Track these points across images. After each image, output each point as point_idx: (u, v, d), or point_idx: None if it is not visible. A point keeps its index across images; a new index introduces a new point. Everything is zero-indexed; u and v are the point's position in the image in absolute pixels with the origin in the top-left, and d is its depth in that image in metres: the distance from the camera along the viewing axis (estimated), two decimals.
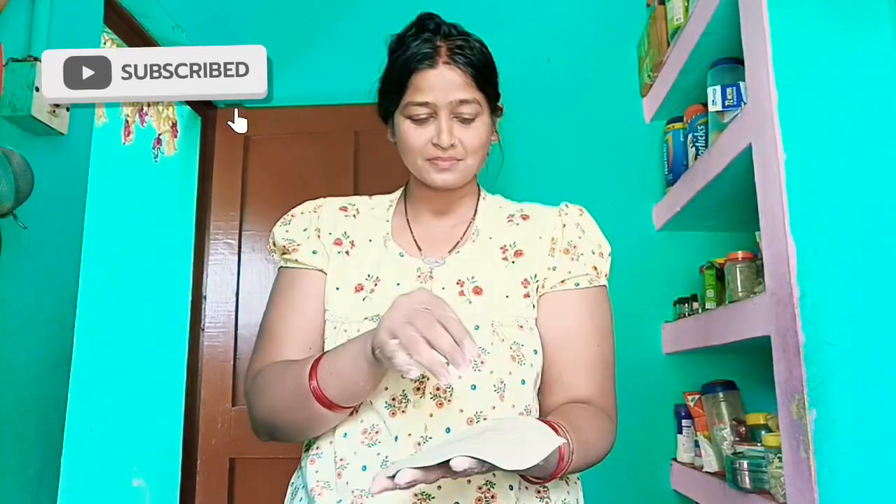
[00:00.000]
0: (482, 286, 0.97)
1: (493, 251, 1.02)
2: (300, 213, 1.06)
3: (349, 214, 1.06)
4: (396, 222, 1.06)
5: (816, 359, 1.16)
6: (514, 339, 0.94)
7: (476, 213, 1.07)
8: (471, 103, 0.97)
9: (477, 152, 1.00)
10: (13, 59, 1.25)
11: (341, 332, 0.95)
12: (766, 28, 1.28)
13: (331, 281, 0.99)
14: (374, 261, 1.00)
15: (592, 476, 2.17)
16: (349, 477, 0.88)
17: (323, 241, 1.02)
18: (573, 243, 1.02)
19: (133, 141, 2.32)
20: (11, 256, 1.22)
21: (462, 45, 0.99)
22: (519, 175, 2.32)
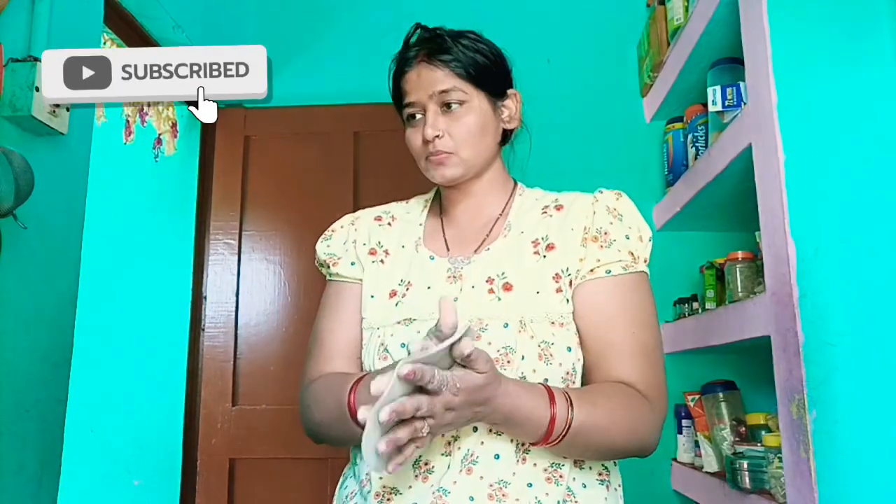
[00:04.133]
0: (512, 283, 0.96)
1: (525, 246, 1.00)
2: (339, 227, 1.10)
3: (384, 223, 1.09)
4: (430, 225, 1.08)
5: (816, 359, 1.16)
6: (544, 338, 0.92)
7: (508, 207, 1.07)
8: (452, 91, 1.00)
9: (468, 142, 1.00)
10: (13, 59, 1.25)
11: (375, 337, 0.97)
12: (766, 28, 1.28)
13: (366, 289, 1.03)
14: (406, 266, 1.02)
15: None
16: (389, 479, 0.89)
17: (358, 251, 1.06)
18: (604, 230, 0.98)
19: (133, 141, 2.31)
20: (11, 256, 1.22)
21: (440, 42, 1.03)
22: (518, 175, 2.32)
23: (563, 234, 0.99)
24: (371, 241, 1.07)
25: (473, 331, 0.81)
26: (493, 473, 0.88)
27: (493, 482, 0.87)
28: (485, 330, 0.92)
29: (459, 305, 0.92)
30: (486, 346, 0.90)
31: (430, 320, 0.92)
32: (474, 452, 0.89)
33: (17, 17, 1.28)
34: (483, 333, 0.92)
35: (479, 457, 0.88)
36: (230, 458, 2.14)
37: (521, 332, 0.92)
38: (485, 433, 0.89)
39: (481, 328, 0.92)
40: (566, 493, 0.90)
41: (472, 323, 0.91)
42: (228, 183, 2.27)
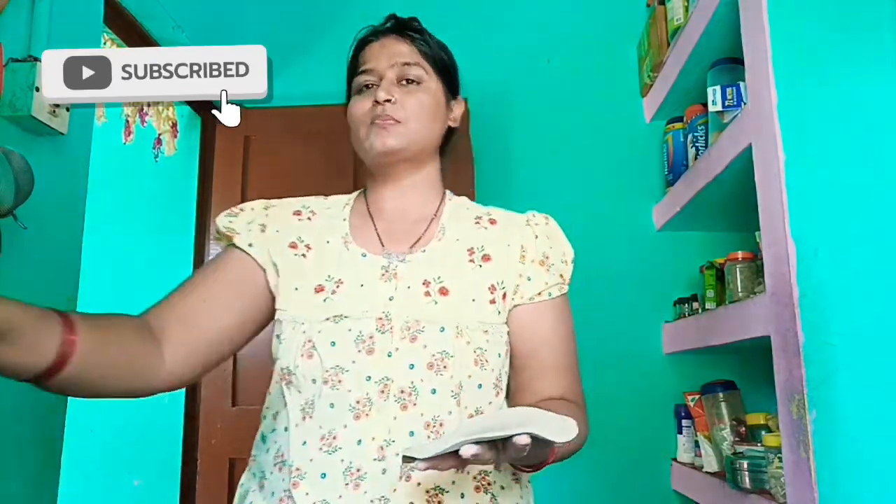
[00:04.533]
0: (448, 288, 0.95)
1: (460, 252, 0.99)
2: (250, 208, 1.04)
3: (303, 218, 1.03)
4: (356, 220, 1.03)
5: (816, 359, 1.16)
6: (479, 344, 0.92)
7: (440, 210, 1.05)
8: (414, 66, 1.00)
9: (418, 117, 0.98)
10: (13, 59, 1.25)
11: (299, 333, 0.92)
12: (766, 28, 1.28)
13: (287, 281, 0.96)
14: (334, 262, 0.98)
15: (593, 476, 2.19)
16: (308, 487, 0.86)
17: (268, 235, 0.99)
18: (546, 254, 1.03)
19: (133, 141, 2.32)
20: (11, 256, 1.22)
21: (411, 21, 1.04)
22: (519, 175, 2.33)
23: (498, 249, 1.00)
24: (290, 235, 1.00)
25: None
26: (431, 479, 0.87)
27: (429, 489, 0.87)
28: (421, 332, 0.91)
29: (395, 305, 0.93)
30: (422, 350, 0.90)
31: (363, 318, 0.91)
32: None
33: (17, 17, 1.28)
34: (419, 336, 0.90)
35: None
36: (230, 458, 2.14)
37: (457, 337, 0.91)
38: (422, 438, 0.88)
39: (418, 330, 0.91)
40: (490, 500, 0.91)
41: (410, 323, 0.91)
42: (228, 183, 2.26)
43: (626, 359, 2.18)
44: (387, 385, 0.89)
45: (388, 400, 0.88)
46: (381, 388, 0.88)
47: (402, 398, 0.88)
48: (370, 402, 0.88)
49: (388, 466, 0.86)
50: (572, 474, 2.12)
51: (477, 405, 0.92)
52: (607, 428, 2.12)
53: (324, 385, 0.89)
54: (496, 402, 0.95)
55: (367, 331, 0.90)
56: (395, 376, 0.89)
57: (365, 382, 0.88)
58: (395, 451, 0.86)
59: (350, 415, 0.88)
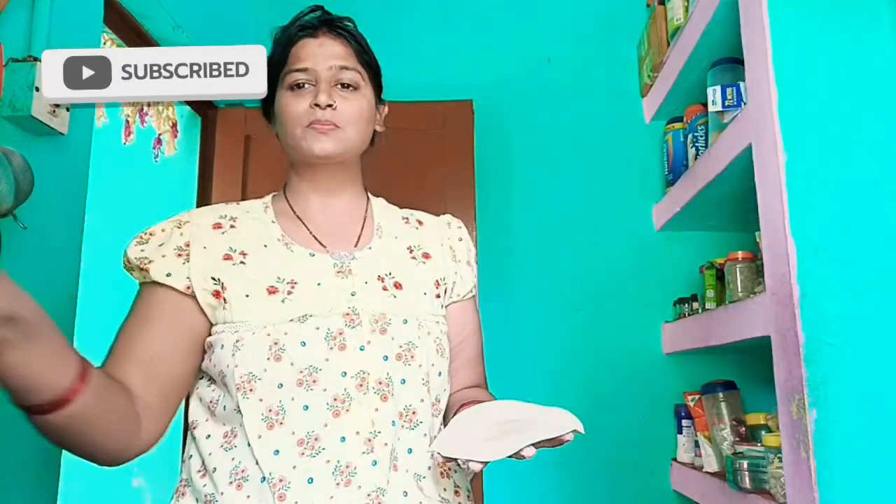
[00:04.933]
0: (401, 282, 0.99)
1: (402, 250, 1.04)
2: (160, 230, 0.96)
3: (225, 229, 0.97)
4: (285, 223, 1.01)
5: (816, 359, 1.16)
6: (436, 334, 0.97)
7: (369, 209, 1.07)
8: (352, 71, 0.99)
9: (356, 124, 0.98)
10: (13, 59, 1.25)
11: (263, 336, 0.88)
12: (766, 28, 1.28)
13: (235, 291, 0.91)
14: (279, 263, 0.95)
15: (593, 475, 2.19)
16: (297, 496, 0.83)
17: (193, 257, 0.93)
18: (468, 257, 1.09)
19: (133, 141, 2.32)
20: (11, 256, 1.22)
21: (347, 24, 1.03)
22: (519, 175, 2.33)
23: (434, 248, 1.06)
24: (220, 249, 0.95)
25: None
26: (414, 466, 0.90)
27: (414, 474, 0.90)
28: (388, 324, 0.93)
29: (359, 300, 0.94)
30: (390, 342, 0.92)
31: (330, 315, 0.91)
32: (395, 449, 0.89)
33: (17, 17, 1.28)
34: (388, 328, 0.93)
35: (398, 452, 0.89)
36: None
37: (419, 328, 0.95)
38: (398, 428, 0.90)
39: (385, 323, 0.93)
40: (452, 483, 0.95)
41: (377, 317, 0.93)
42: (228, 183, 2.26)
43: (626, 359, 2.18)
44: (364, 378, 0.89)
45: (368, 392, 0.89)
46: (359, 381, 0.89)
47: (382, 389, 0.90)
48: (349, 398, 0.88)
49: (377, 458, 0.86)
50: (572, 474, 2.13)
51: (437, 393, 0.96)
52: (607, 428, 2.13)
53: (297, 387, 0.87)
54: (448, 390, 1.00)
55: (335, 327, 0.90)
56: (370, 369, 0.90)
57: (341, 379, 0.88)
58: (384, 442, 0.87)
59: (329, 413, 0.87)
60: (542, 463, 2.10)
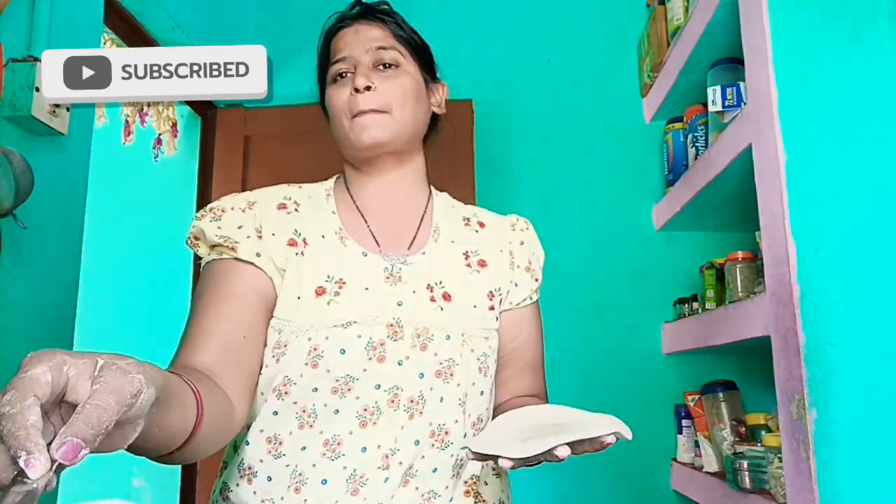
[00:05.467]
0: (451, 293, 0.93)
1: (457, 256, 0.97)
2: (230, 207, 0.92)
3: (290, 210, 0.94)
4: (345, 215, 0.96)
5: (816, 359, 1.16)
6: (482, 350, 0.92)
7: (429, 207, 1.01)
8: (389, 50, 0.95)
9: (403, 104, 0.93)
10: (13, 59, 1.25)
11: (304, 341, 0.85)
12: (766, 28, 1.28)
13: (289, 288, 0.88)
14: (332, 259, 0.91)
15: (593, 475, 2.19)
16: (308, 493, 0.85)
17: (266, 242, 0.89)
18: (529, 260, 1.03)
19: (133, 141, 2.32)
20: (11, 256, 1.22)
21: (381, 8, 0.99)
22: (519, 175, 2.33)
23: (492, 254, 0.99)
24: (286, 231, 0.91)
25: None
26: (426, 484, 0.87)
27: (424, 492, 0.87)
28: (431, 340, 0.89)
29: (405, 311, 0.90)
30: (432, 357, 0.88)
31: (374, 324, 0.87)
32: (413, 465, 0.87)
33: (17, 17, 1.28)
34: (429, 344, 0.89)
35: (417, 470, 0.87)
36: None
37: (463, 345, 0.90)
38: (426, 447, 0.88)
39: (427, 338, 0.89)
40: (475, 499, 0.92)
41: (420, 331, 0.89)
42: (228, 183, 2.26)
43: (626, 359, 2.18)
44: (397, 394, 0.87)
45: (398, 409, 0.87)
46: (391, 397, 0.87)
47: (412, 407, 0.87)
48: (378, 411, 0.86)
49: (390, 475, 0.86)
50: (572, 474, 2.12)
51: (479, 412, 0.92)
52: None
53: (332, 395, 0.86)
54: (490, 408, 0.95)
55: (377, 337, 0.87)
56: (405, 385, 0.87)
57: (374, 391, 0.86)
58: (399, 461, 0.86)
59: (356, 422, 0.86)
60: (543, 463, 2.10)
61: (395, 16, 1.00)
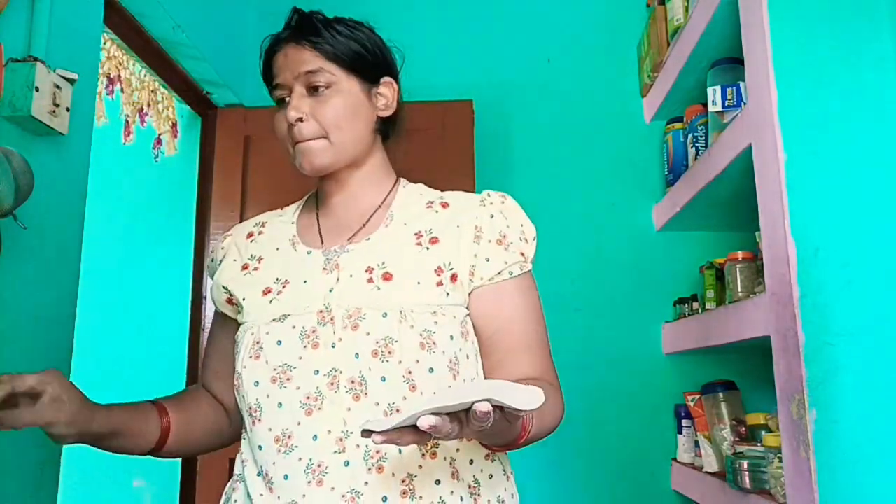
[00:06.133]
0: (392, 272, 0.93)
1: (407, 237, 0.97)
2: (220, 248, 1.10)
3: (255, 237, 1.06)
4: (303, 221, 1.05)
5: (816, 359, 1.16)
6: (426, 327, 0.89)
7: (390, 198, 1.03)
8: (318, 73, 0.96)
9: (340, 126, 0.96)
10: (13, 59, 1.25)
11: (248, 336, 0.94)
12: (766, 28, 1.28)
13: (239, 296, 1.00)
14: (282, 265, 0.99)
15: (593, 475, 2.19)
16: (279, 491, 0.87)
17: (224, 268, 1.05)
18: (503, 233, 0.98)
19: (133, 141, 2.31)
20: (11, 256, 1.22)
21: (310, 24, 0.99)
22: (519, 175, 2.33)
23: (448, 230, 0.97)
24: (244, 257, 1.04)
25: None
26: (402, 467, 0.86)
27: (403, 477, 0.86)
28: (363, 319, 0.89)
29: (335, 296, 0.91)
30: (365, 337, 0.88)
31: (305, 314, 0.91)
32: (380, 448, 0.85)
33: (17, 17, 1.28)
34: (361, 323, 0.89)
35: (386, 453, 0.86)
36: (230, 458, 2.12)
37: (401, 321, 0.89)
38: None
39: (359, 317, 0.89)
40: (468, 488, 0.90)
41: (350, 312, 0.90)
42: (228, 183, 2.26)
43: (626, 359, 2.18)
44: (335, 377, 0.88)
45: (339, 391, 0.87)
46: (331, 380, 0.88)
47: (353, 388, 0.87)
48: (321, 396, 0.88)
49: (349, 458, 0.85)
50: (572, 474, 2.13)
51: (433, 390, 0.89)
52: (607, 428, 2.13)
53: (272, 384, 0.90)
54: (455, 387, 0.92)
55: (308, 325, 0.91)
56: (342, 367, 0.88)
57: (313, 377, 0.88)
58: (356, 443, 0.85)
59: (301, 411, 0.88)
60: (542, 463, 2.11)
61: (327, 31, 0.98)
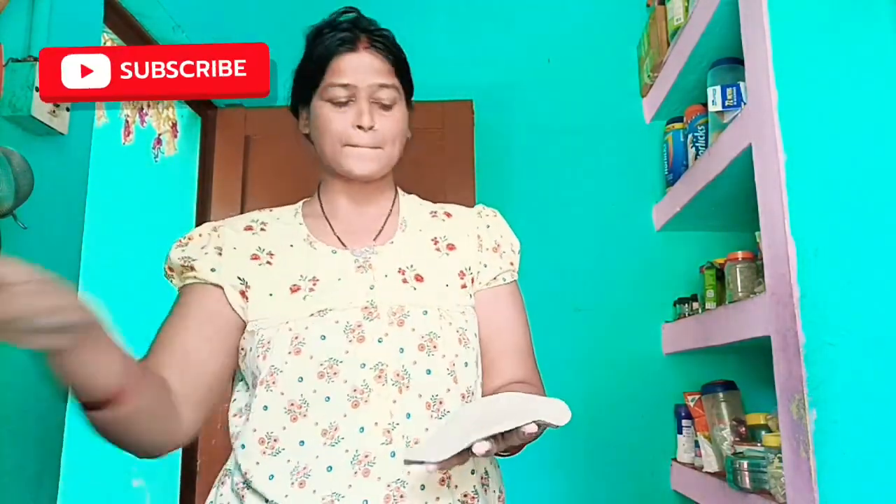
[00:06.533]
0: (422, 274, 0.99)
1: (426, 242, 1.04)
2: (198, 234, 1.02)
3: (255, 232, 1.03)
4: (312, 223, 1.05)
5: (816, 359, 1.16)
6: (460, 324, 0.97)
7: (396, 205, 1.08)
8: (390, 88, 1.00)
9: (395, 141, 1.02)
10: (13, 59, 1.25)
11: (286, 332, 0.92)
12: (766, 28, 1.28)
13: (259, 291, 0.96)
14: (303, 262, 0.99)
15: (593, 475, 2.19)
16: (316, 484, 0.86)
17: (225, 257, 0.98)
18: (497, 242, 1.06)
19: (133, 141, 2.31)
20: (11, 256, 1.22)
21: (382, 34, 1.04)
22: (519, 175, 2.33)
23: (459, 238, 1.05)
24: (249, 248, 1.00)
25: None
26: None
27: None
28: (407, 316, 0.94)
29: (378, 293, 0.95)
30: (411, 332, 0.93)
31: (349, 308, 0.93)
32: (419, 441, 0.88)
33: (17, 17, 1.28)
34: (406, 320, 0.94)
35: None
36: None
37: (440, 318, 0.95)
38: (425, 419, 0.90)
39: (403, 314, 0.94)
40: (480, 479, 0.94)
41: (395, 309, 0.94)
42: (228, 183, 2.26)
43: (626, 359, 2.18)
44: (382, 370, 0.91)
45: (387, 384, 0.90)
46: (378, 373, 0.90)
47: (398, 381, 0.91)
48: (368, 388, 0.90)
49: (395, 449, 0.88)
50: (572, 474, 2.13)
51: (468, 384, 0.96)
52: (607, 428, 2.13)
53: (319, 379, 0.90)
54: (479, 381, 0.99)
55: (354, 320, 0.93)
56: (389, 360, 0.91)
57: (360, 370, 0.90)
58: (402, 434, 0.88)
59: (348, 404, 0.89)
60: (542, 462, 2.11)
61: (396, 48, 1.04)
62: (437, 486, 0.89)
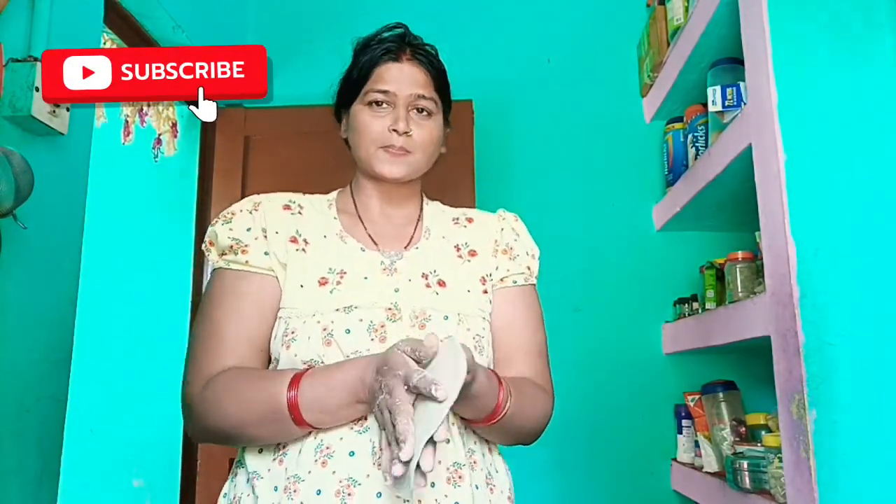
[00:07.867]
0: (445, 280, 1.02)
1: (448, 249, 1.07)
2: (240, 210, 1.03)
3: (294, 212, 1.04)
4: (345, 219, 1.07)
5: (816, 359, 1.16)
6: (477, 331, 1.00)
7: (422, 213, 1.12)
8: (429, 100, 1.05)
9: (426, 149, 1.05)
10: (13, 59, 1.25)
11: (314, 324, 0.93)
12: (766, 28, 1.28)
13: (292, 278, 0.98)
14: (334, 255, 1.01)
15: (593, 475, 2.18)
16: (336, 465, 0.88)
17: (271, 240, 1.00)
18: (510, 245, 1.09)
19: (133, 141, 2.31)
20: (11, 256, 1.22)
21: (425, 49, 1.09)
22: (519, 175, 2.33)
23: (480, 245, 1.08)
24: (288, 230, 1.01)
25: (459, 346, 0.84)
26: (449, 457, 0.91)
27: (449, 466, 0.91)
28: (428, 321, 0.96)
29: (402, 296, 0.98)
30: None
31: (373, 308, 0.96)
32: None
33: (17, 17, 1.28)
34: (427, 324, 0.96)
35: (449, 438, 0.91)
36: (230, 458, 2.13)
37: (459, 324, 0.98)
38: None
39: (425, 318, 0.97)
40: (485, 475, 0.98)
41: (417, 312, 0.97)
42: (228, 183, 2.26)
43: (626, 359, 2.18)
44: None
45: None
46: None
47: None
48: None
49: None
50: (572, 474, 2.13)
51: None
52: (607, 428, 2.13)
53: None
54: None
55: (377, 320, 0.95)
56: None
57: None
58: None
59: None
60: (542, 462, 2.11)
61: (438, 62, 1.10)
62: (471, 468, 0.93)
